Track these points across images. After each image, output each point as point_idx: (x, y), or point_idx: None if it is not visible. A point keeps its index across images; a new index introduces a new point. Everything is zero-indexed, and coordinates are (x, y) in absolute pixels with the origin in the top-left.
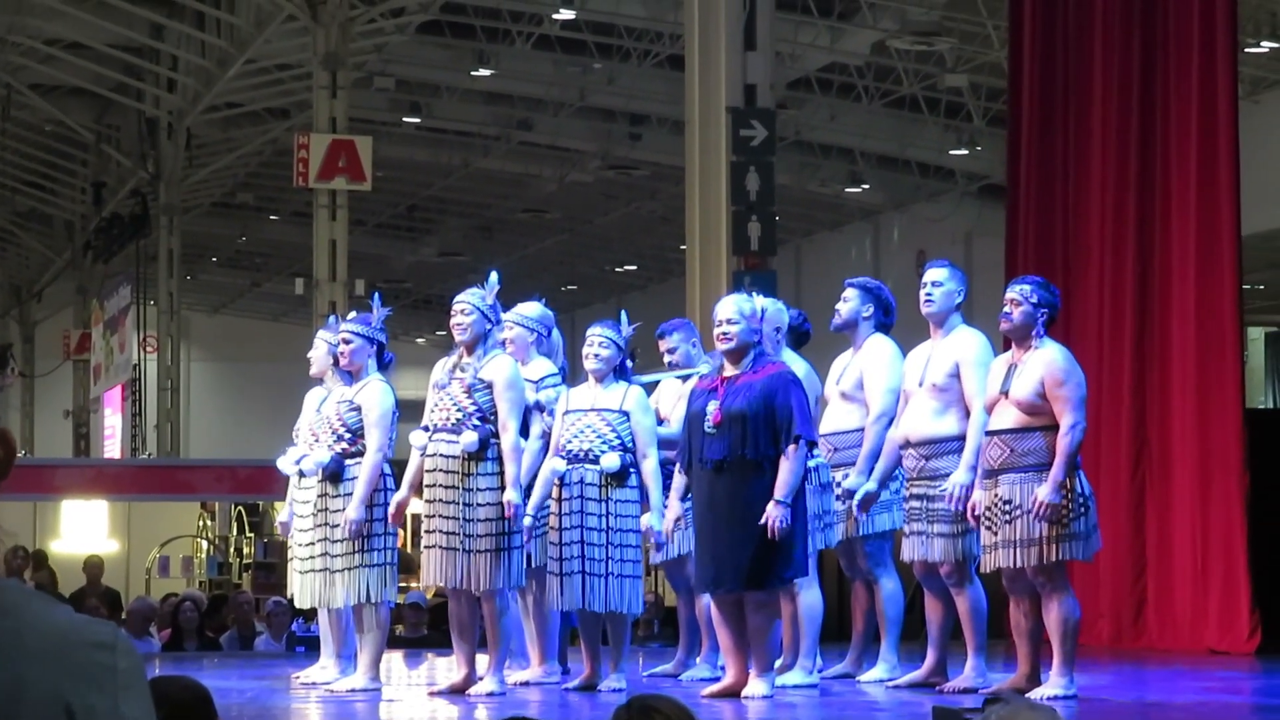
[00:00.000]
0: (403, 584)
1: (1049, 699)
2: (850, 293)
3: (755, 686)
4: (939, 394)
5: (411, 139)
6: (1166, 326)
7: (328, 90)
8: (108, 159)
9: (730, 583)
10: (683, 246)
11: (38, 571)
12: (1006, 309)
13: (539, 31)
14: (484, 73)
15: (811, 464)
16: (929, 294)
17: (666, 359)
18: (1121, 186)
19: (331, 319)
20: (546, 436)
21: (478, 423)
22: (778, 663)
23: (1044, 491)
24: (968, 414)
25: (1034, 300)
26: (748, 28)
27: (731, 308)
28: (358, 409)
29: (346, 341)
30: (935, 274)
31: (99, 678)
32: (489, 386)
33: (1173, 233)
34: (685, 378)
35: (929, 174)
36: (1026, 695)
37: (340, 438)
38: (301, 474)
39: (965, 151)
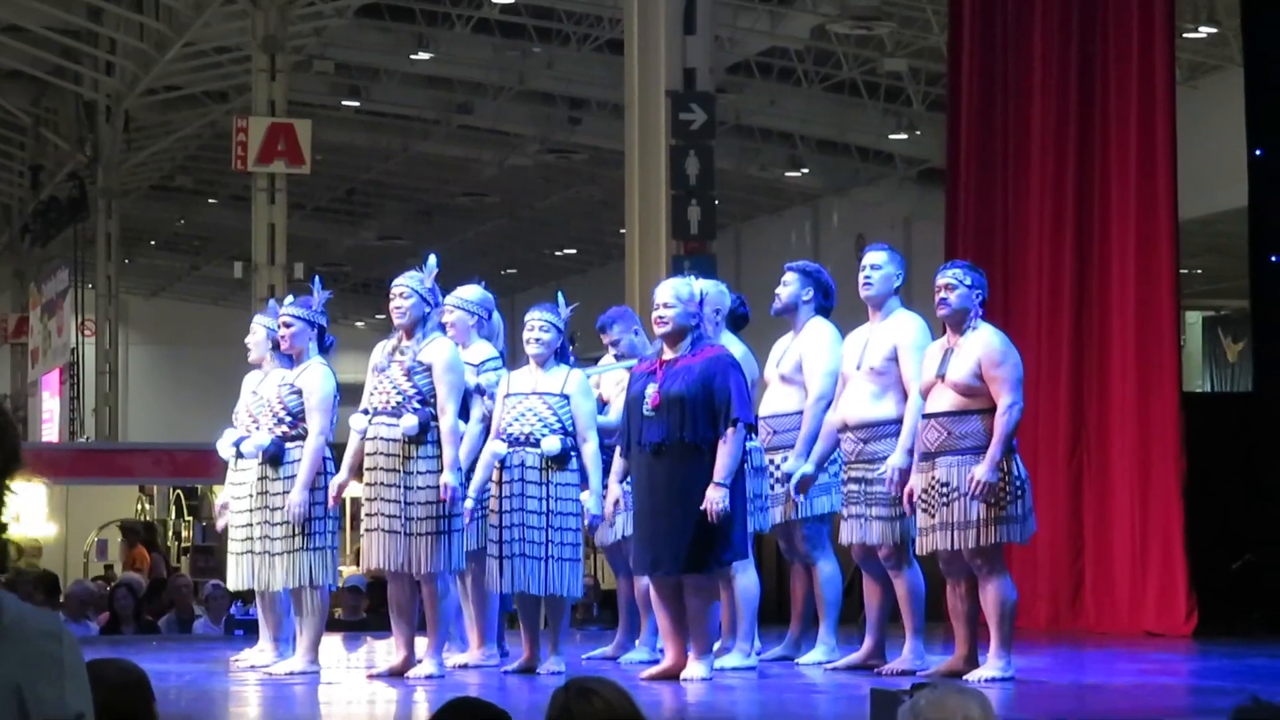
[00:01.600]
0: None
1: (986, 681)
2: (790, 276)
3: (694, 669)
4: (877, 377)
5: (351, 123)
6: (1105, 311)
7: (266, 73)
8: (45, 142)
9: (669, 565)
10: (622, 230)
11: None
12: (942, 295)
13: (478, 15)
14: (423, 56)
15: (748, 445)
16: (867, 277)
17: (611, 351)
18: (1060, 171)
19: (271, 303)
20: (487, 420)
21: (418, 406)
22: (716, 645)
23: (981, 470)
24: (906, 397)
25: (968, 282)
26: (687, 12)
27: (669, 292)
28: (298, 392)
29: (287, 325)
30: (874, 257)
31: (48, 667)
32: (428, 369)
33: (1111, 217)
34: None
35: (868, 158)
36: (963, 678)
37: (280, 420)
38: (240, 455)
39: (905, 136)
